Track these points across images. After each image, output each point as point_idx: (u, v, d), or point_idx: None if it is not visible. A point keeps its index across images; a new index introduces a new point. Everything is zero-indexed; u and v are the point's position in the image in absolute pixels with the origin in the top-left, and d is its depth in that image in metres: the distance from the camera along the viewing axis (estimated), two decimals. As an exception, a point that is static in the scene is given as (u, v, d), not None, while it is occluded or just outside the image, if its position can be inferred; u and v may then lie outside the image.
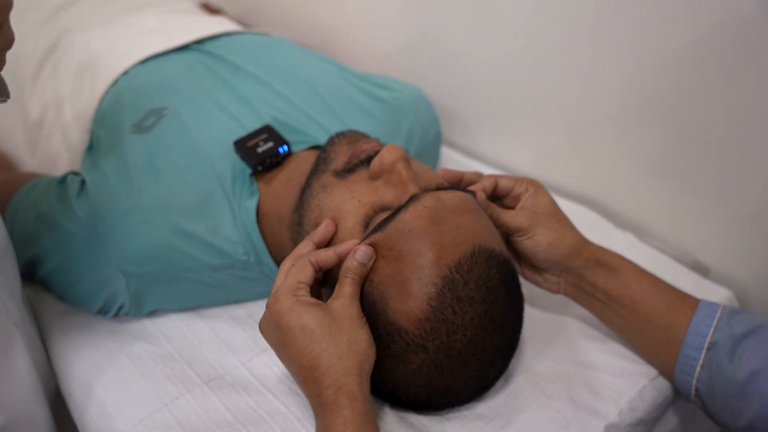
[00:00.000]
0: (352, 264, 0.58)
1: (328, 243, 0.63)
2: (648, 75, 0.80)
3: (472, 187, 0.68)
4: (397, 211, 0.59)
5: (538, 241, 0.67)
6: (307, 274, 0.59)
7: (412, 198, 0.59)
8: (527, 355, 0.71)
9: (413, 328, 0.57)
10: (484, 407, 0.66)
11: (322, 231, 0.62)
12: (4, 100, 0.54)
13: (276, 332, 0.58)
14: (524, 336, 0.72)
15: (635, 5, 0.77)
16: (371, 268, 0.59)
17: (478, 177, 0.72)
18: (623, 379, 0.69)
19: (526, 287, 0.65)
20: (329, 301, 0.58)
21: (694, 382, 0.63)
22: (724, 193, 0.80)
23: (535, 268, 0.71)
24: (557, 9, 0.86)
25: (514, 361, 0.69)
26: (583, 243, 0.69)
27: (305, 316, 0.56)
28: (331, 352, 0.55)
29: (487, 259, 0.58)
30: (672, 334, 0.65)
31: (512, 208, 0.72)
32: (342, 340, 0.55)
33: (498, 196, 0.72)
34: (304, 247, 0.62)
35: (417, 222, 0.58)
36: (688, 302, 0.66)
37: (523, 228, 0.67)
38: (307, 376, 0.56)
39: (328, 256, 0.60)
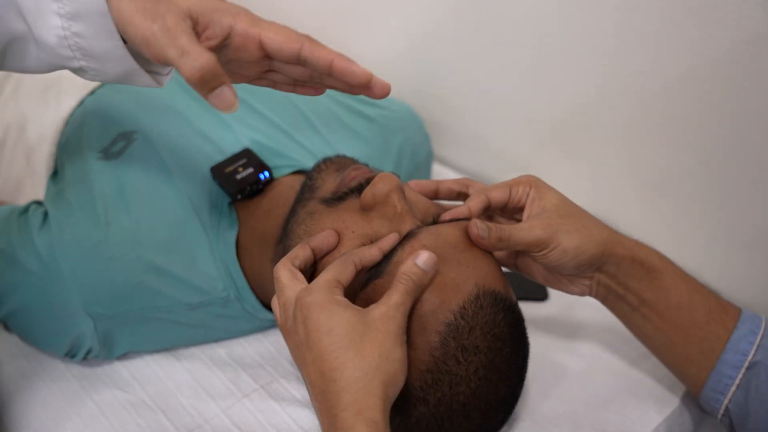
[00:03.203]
0: (411, 269, 0.50)
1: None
2: (653, 91, 0.76)
3: (454, 213, 0.59)
4: (393, 251, 0.54)
5: (564, 250, 0.57)
6: (347, 274, 0.51)
7: (408, 235, 0.54)
8: (532, 395, 0.67)
9: (413, 380, 0.52)
10: (487, 456, 0.61)
11: (322, 238, 0.56)
12: None
13: (301, 329, 0.50)
14: (528, 375, 0.67)
15: (642, 20, 0.74)
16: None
17: (460, 186, 0.64)
18: (634, 420, 0.65)
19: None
20: (372, 306, 0.50)
21: (725, 402, 0.59)
22: (733, 213, 0.77)
23: (564, 275, 0.63)
24: (556, 22, 0.82)
25: (518, 403, 0.64)
26: (614, 237, 0.60)
27: (337, 318, 0.48)
28: (356, 365, 0.47)
29: (492, 303, 0.52)
30: (708, 348, 0.59)
31: (516, 218, 0.63)
32: (372, 354, 0.47)
33: (495, 210, 0.64)
34: (302, 249, 0.55)
35: None
36: (730, 313, 0.60)
37: (542, 241, 0.57)
38: (324, 388, 0.48)
39: (372, 252, 0.53)
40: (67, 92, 0.82)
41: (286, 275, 0.53)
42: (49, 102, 0.83)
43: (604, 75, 0.80)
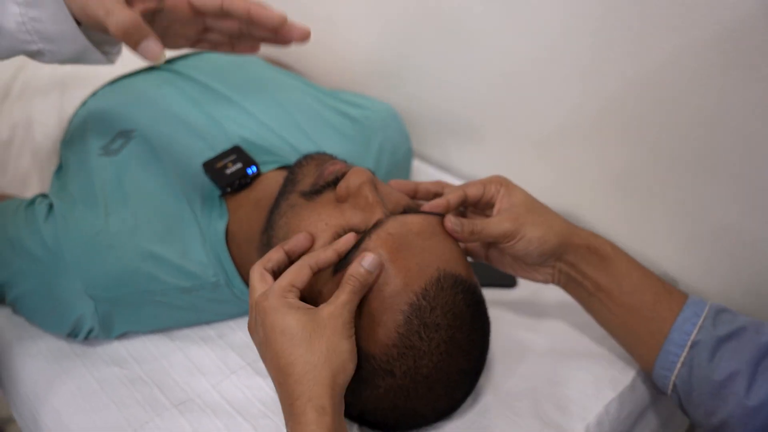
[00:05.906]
0: (357, 270, 0.56)
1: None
2: (615, 90, 0.81)
3: (433, 204, 0.65)
4: (362, 239, 0.59)
5: (529, 241, 0.65)
6: (302, 278, 0.57)
7: (377, 224, 0.60)
8: (496, 372, 0.72)
9: (381, 354, 0.57)
10: (453, 426, 0.66)
11: (296, 241, 0.61)
12: None
13: (261, 331, 0.57)
14: (493, 354, 0.73)
15: (606, 22, 0.78)
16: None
17: (437, 187, 0.70)
18: (590, 395, 0.70)
19: (491, 307, 0.65)
20: (321, 305, 0.57)
21: (672, 378, 0.64)
22: (692, 207, 0.81)
23: (530, 264, 0.70)
24: (528, 24, 0.86)
25: (482, 379, 0.69)
26: (572, 229, 0.68)
27: (289, 318, 0.55)
28: (306, 360, 0.54)
29: (452, 285, 0.58)
30: (655, 328, 0.65)
31: (487, 214, 0.70)
32: (320, 349, 0.54)
33: (469, 205, 0.71)
34: (275, 252, 0.61)
35: (381, 250, 0.58)
36: (675, 297, 0.66)
37: (509, 233, 0.65)
38: (281, 381, 0.55)
39: (327, 255, 0.58)
40: (70, 94, 0.87)
41: (256, 278, 0.59)
42: (54, 103, 0.89)
43: (569, 75, 0.85)
